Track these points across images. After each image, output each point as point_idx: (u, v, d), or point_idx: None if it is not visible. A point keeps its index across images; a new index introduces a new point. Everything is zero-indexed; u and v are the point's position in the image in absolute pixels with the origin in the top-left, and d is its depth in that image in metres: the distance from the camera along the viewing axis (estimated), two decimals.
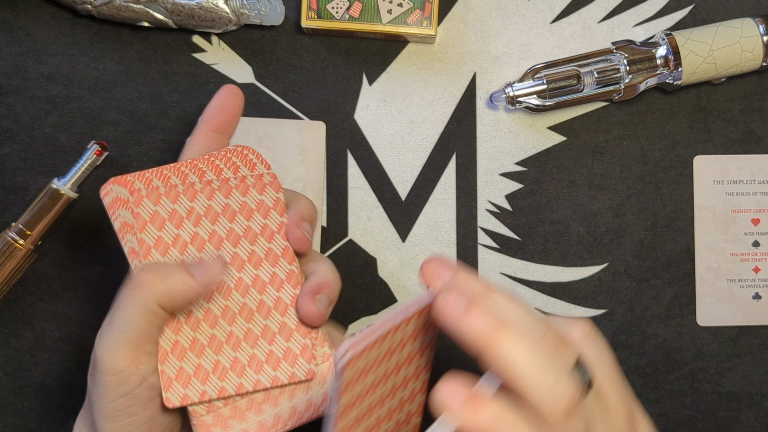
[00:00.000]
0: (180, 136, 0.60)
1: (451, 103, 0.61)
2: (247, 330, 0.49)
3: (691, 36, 0.58)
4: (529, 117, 0.61)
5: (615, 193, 0.61)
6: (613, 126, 0.61)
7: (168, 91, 0.61)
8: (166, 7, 0.58)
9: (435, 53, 0.61)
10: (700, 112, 0.61)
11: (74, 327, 0.60)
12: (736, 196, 0.61)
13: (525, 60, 0.61)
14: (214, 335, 0.49)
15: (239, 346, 0.49)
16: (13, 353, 0.60)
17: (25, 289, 0.60)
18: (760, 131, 0.61)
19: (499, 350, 0.38)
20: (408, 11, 0.58)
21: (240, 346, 0.49)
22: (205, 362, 0.48)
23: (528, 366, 0.38)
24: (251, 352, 0.49)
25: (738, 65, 0.58)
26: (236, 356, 0.49)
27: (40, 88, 0.60)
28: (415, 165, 0.61)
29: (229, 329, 0.49)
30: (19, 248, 0.57)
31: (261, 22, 0.59)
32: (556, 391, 0.38)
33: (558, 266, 0.61)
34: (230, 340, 0.49)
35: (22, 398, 0.60)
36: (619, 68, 0.58)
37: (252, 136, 0.60)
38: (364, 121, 0.61)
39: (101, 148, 0.59)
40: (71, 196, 0.58)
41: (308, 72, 0.61)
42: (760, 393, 0.61)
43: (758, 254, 0.61)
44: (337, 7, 0.58)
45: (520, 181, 0.61)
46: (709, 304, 0.60)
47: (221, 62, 0.61)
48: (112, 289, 0.60)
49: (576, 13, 0.61)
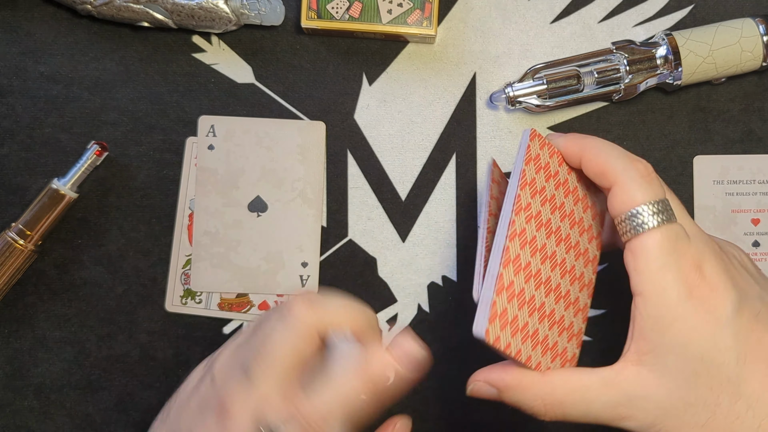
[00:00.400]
0: (180, 136, 0.61)
1: (451, 103, 0.61)
2: (561, 317, 0.48)
3: (691, 36, 0.58)
4: (529, 117, 0.61)
5: None
6: (613, 126, 0.61)
7: (168, 91, 0.61)
8: (166, 7, 0.58)
9: (435, 53, 0.61)
10: (700, 112, 0.61)
11: (74, 327, 0.60)
12: (736, 196, 0.61)
13: (525, 60, 0.61)
14: (544, 304, 0.47)
15: (552, 328, 0.47)
16: (13, 353, 0.60)
17: (25, 289, 0.60)
18: (760, 131, 0.61)
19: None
20: (408, 11, 0.58)
21: (553, 328, 0.47)
22: (531, 324, 0.46)
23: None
24: (556, 339, 0.48)
25: (738, 65, 0.58)
26: (548, 335, 0.47)
27: (40, 88, 0.60)
28: (415, 165, 0.61)
29: (554, 307, 0.48)
30: (19, 248, 0.57)
31: (261, 22, 0.59)
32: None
33: None
34: (551, 317, 0.47)
35: (22, 398, 0.60)
36: (619, 68, 0.58)
37: (252, 136, 0.60)
38: (364, 121, 0.61)
39: (101, 148, 0.59)
40: (71, 196, 0.58)
41: (308, 72, 0.61)
42: None
43: (758, 254, 0.61)
44: (337, 7, 0.58)
45: None
46: None
47: (221, 62, 0.61)
48: (112, 290, 0.60)
49: (576, 13, 0.61)
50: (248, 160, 0.60)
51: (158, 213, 0.60)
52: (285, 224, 0.60)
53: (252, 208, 0.60)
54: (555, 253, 0.48)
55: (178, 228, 0.60)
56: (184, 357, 0.60)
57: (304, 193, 0.60)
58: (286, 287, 0.60)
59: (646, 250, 0.44)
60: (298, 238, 0.60)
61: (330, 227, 0.61)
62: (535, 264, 0.47)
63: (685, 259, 0.44)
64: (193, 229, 0.60)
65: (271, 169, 0.60)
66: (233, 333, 0.61)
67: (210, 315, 0.60)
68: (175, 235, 0.60)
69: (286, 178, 0.60)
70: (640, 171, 0.45)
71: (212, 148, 0.60)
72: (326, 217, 0.61)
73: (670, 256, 0.44)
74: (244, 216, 0.60)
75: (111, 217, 0.60)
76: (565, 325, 0.48)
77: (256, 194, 0.60)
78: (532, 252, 0.47)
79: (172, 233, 0.61)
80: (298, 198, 0.60)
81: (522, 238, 0.46)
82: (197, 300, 0.60)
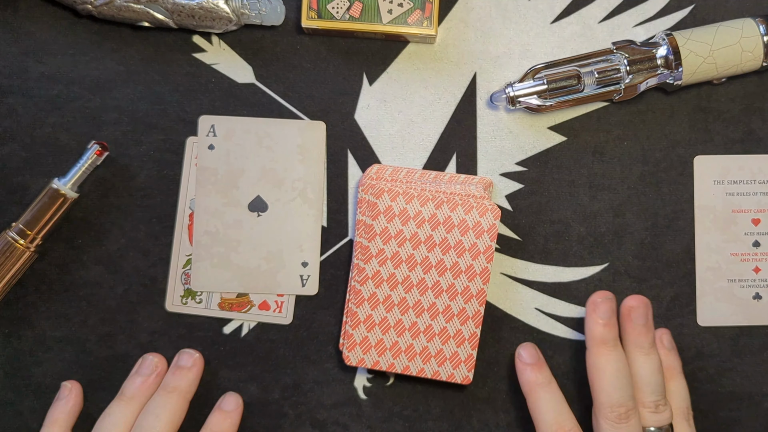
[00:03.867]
0: (180, 136, 0.61)
1: (451, 103, 0.61)
2: (428, 326, 0.57)
3: (692, 36, 0.58)
4: (530, 117, 0.61)
5: (615, 193, 0.61)
6: (614, 126, 0.61)
7: (168, 91, 0.61)
8: (166, 7, 0.58)
9: (435, 53, 0.61)
10: (700, 112, 0.61)
11: (74, 327, 0.60)
12: (736, 196, 0.61)
13: (525, 60, 0.61)
14: (401, 320, 0.57)
15: (417, 337, 0.57)
16: (13, 353, 0.60)
17: (25, 289, 0.60)
18: (760, 131, 0.61)
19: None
20: (408, 11, 0.58)
21: (418, 336, 0.57)
22: (387, 340, 0.57)
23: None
24: (425, 345, 0.57)
25: (738, 65, 0.58)
26: (412, 343, 0.57)
27: (40, 87, 0.60)
28: (415, 165, 0.61)
29: (415, 320, 0.57)
30: (20, 248, 0.57)
31: (261, 22, 0.59)
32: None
33: (558, 266, 0.61)
34: (412, 329, 0.57)
35: (22, 398, 0.60)
36: (619, 68, 0.58)
37: (252, 136, 0.60)
38: (364, 121, 0.61)
39: (101, 148, 0.59)
40: (72, 196, 0.58)
41: (308, 72, 0.61)
42: (760, 393, 0.60)
43: (758, 254, 0.61)
44: (337, 7, 0.58)
45: (520, 181, 0.61)
46: (710, 304, 0.60)
47: (221, 62, 0.61)
48: (113, 290, 0.60)
49: (576, 14, 0.61)
50: (248, 160, 0.60)
51: (158, 213, 0.60)
52: (285, 224, 0.60)
53: (252, 207, 0.60)
54: (408, 277, 0.57)
55: (178, 228, 0.60)
56: None
57: (305, 192, 0.60)
58: (286, 287, 0.60)
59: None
60: (299, 238, 0.60)
61: (330, 227, 0.61)
62: (383, 292, 0.57)
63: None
64: (194, 229, 0.60)
65: (272, 168, 0.60)
66: (233, 333, 0.61)
67: (210, 315, 0.60)
68: (176, 235, 0.60)
69: (286, 178, 0.60)
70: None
71: (212, 148, 0.60)
72: (326, 217, 0.61)
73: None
74: (244, 216, 0.60)
75: (111, 216, 0.60)
76: (435, 331, 0.57)
77: (256, 194, 0.60)
78: (376, 284, 0.57)
79: (173, 233, 0.60)
80: (298, 198, 0.60)
81: (362, 275, 0.57)
82: (197, 300, 0.60)
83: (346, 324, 0.58)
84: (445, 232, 0.57)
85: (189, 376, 0.58)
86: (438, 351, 0.57)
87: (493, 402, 0.60)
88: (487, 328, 0.60)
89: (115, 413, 0.57)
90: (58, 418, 0.58)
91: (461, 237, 0.57)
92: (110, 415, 0.57)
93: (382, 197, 0.57)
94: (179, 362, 0.59)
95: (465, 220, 0.57)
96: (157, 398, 0.57)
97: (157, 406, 0.57)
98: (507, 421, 0.60)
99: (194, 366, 0.59)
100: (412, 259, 0.57)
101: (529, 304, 0.61)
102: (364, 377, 0.60)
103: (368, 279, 0.57)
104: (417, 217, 0.57)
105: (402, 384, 0.61)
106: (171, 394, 0.57)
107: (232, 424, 0.59)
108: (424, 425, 0.60)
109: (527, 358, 0.58)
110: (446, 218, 0.57)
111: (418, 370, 0.57)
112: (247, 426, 0.60)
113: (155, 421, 0.56)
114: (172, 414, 0.57)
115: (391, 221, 0.57)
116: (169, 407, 0.57)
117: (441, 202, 0.57)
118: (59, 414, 0.58)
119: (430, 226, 0.57)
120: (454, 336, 0.57)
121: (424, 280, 0.57)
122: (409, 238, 0.57)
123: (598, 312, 0.56)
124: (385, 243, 0.57)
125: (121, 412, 0.57)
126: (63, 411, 0.58)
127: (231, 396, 0.59)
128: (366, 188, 0.59)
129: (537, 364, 0.58)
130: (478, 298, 0.57)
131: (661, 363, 0.57)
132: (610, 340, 0.56)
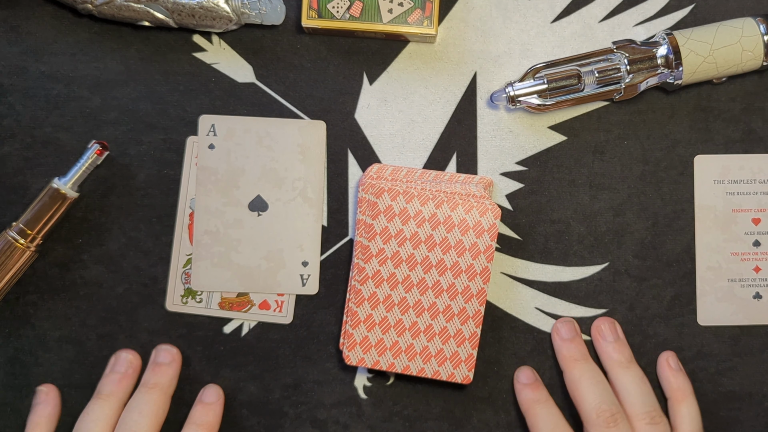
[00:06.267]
0: (180, 136, 0.61)
1: (451, 102, 0.61)
2: (429, 326, 0.57)
3: (692, 35, 0.58)
4: (530, 116, 0.61)
5: (615, 192, 0.61)
6: (614, 126, 0.61)
7: (168, 91, 0.61)
8: (166, 7, 0.58)
9: (436, 53, 0.61)
10: (700, 112, 0.61)
11: (74, 327, 0.60)
12: (736, 195, 0.61)
13: (526, 59, 0.61)
14: (402, 320, 0.57)
15: (418, 336, 0.58)
16: (13, 353, 0.60)
17: (25, 289, 0.60)
18: (760, 131, 0.61)
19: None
20: (408, 11, 0.58)
21: (418, 336, 0.58)
22: (387, 339, 0.57)
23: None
24: (425, 344, 0.57)
25: (739, 65, 0.58)
26: (413, 343, 0.57)
27: (40, 87, 0.60)
28: (415, 164, 0.61)
29: (415, 320, 0.57)
30: (20, 247, 0.57)
31: (261, 22, 0.59)
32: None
33: (559, 266, 0.61)
34: (412, 328, 0.57)
35: (22, 398, 0.60)
36: (619, 68, 0.58)
37: (252, 135, 0.60)
38: (364, 121, 0.61)
39: (102, 147, 0.59)
40: (72, 195, 0.58)
41: (309, 71, 0.61)
42: (760, 393, 0.60)
43: (759, 254, 0.61)
44: (337, 7, 0.58)
45: (520, 181, 0.61)
46: (710, 303, 0.60)
47: (222, 62, 0.61)
48: (113, 289, 0.60)
49: (576, 13, 0.61)
50: (249, 160, 0.60)
51: (159, 212, 0.60)
52: (285, 223, 0.60)
53: (252, 207, 0.60)
54: (408, 276, 0.57)
55: (178, 227, 0.60)
56: (184, 356, 0.60)
57: (305, 192, 0.60)
58: (286, 287, 0.60)
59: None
60: (299, 238, 0.60)
61: (330, 226, 0.61)
62: (383, 292, 0.57)
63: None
64: (194, 229, 0.60)
65: (272, 168, 0.60)
66: (234, 332, 0.61)
67: (210, 314, 0.60)
68: (176, 235, 0.60)
69: (286, 178, 0.60)
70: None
71: (213, 148, 0.60)
72: (327, 217, 0.61)
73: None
74: (244, 215, 0.60)
75: (112, 216, 0.60)
76: (435, 331, 0.57)
77: (256, 193, 0.60)
78: (377, 284, 0.57)
79: (173, 232, 0.60)
80: (298, 197, 0.60)
81: (363, 275, 0.57)
82: (198, 299, 0.60)
83: (347, 323, 0.58)
84: (446, 231, 0.57)
85: (169, 372, 0.59)
86: (438, 351, 0.58)
87: (493, 402, 0.60)
88: (488, 328, 0.60)
89: (95, 411, 0.57)
90: (39, 422, 0.58)
91: (461, 236, 0.57)
92: (89, 413, 0.57)
93: (382, 197, 0.57)
94: (157, 359, 0.59)
95: (465, 219, 0.57)
96: (138, 395, 0.58)
97: (140, 403, 0.57)
98: (507, 421, 0.60)
99: (173, 362, 0.59)
100: (412, 258, 0.57)
101: (529, 304, 0.61)
102: (364, 377, 0.60)
103: (368, 278, 0.57)
104: (417, 216, 0.57)
105: (402, 383, 0.61)
106: (152, 390, 0.58)
107: (215, 415, 0.59)
108: (424, 425, 0.60)
109: (525, 379, 0.59)
110: (446, 218, 0.57)
111: (419, 370, 0.58)
112: (247, 426, 0.60)
113: (139, 416, 0.56)
114: (156, 410, 0.57)
115: (391, 221, 0.57)
116: (151, 403, 0.57)
117: (441, 202, 0.57)
118: (39, 418, 0.58)
119: (431, 226, 0.57)
120: (454, 336, 0.57)
121: (425, 280, 0.57)
122: (410, 238, 0.57)
123: (560, 333, 0.59)
124: (385, 242, 0.57)
125: (101, 410, 0.57)
126: (43, 415, 0.58)
127: (211, 388, 0.60)
128: (366, 188, 0.59)
129: (534, 384, 0.59)
130: (479, 298, 0.57)
131: (644, 375, 0.59)
132: (578, 355, 0.59)
